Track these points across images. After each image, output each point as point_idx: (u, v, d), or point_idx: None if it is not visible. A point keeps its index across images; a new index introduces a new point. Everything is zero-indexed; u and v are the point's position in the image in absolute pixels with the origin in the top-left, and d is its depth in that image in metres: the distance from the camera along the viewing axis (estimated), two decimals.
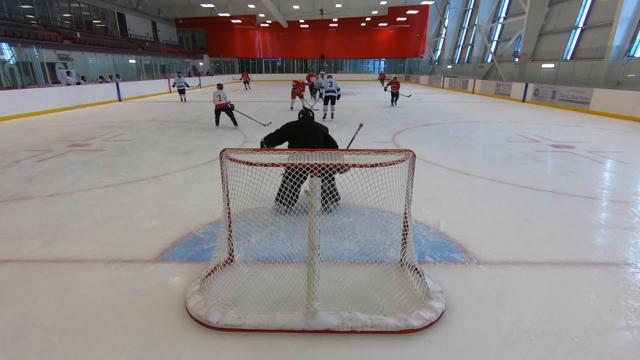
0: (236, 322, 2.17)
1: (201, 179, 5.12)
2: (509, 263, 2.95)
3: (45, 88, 13.83)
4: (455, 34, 29.85)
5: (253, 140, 7.97)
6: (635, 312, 2.36)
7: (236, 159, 2.33)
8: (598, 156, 6.45)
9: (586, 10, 16.13)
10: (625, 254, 3.14)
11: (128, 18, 27.84)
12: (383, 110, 13.36)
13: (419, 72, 37.41)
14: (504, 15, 23.07)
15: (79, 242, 3.28)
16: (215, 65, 39.12)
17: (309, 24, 38.77)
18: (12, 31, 15.91)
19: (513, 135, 8.57)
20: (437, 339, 2.12)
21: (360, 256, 2.89)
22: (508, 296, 2.52)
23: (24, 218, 3.81)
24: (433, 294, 2.44)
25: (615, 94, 11.93)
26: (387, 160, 2.42)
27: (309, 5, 33.34)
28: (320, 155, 2.41)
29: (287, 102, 13.87)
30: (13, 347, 2.05)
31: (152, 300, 2.47)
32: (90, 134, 8.56)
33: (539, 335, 2.15)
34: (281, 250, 3.08)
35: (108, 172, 5.47)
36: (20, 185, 4.84)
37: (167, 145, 7.29)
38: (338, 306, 2.34)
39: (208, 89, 26.06)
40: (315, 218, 2.16)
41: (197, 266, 2.87)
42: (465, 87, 22.83)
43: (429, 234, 3.46)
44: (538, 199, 4.49)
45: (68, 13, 21.88)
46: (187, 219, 3.76)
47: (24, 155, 6.61)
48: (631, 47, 13.46)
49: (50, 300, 2.46)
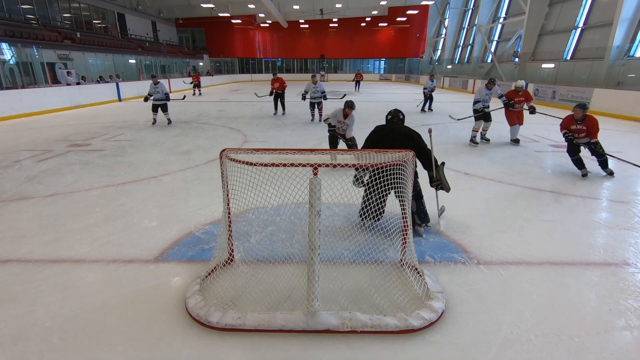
0: (236, 322, 2.17)
1: (201, 179, 5.12)
2: (509, 263, 2.95)
3: (45, 88, 13.82)
4: (455, 34, 29.84)
5: (253, 140, 7.97)
6: (635, 312, 2.36)
7: (236, 159, 2.33)
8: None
9: (586, 10, 16.12)
10: (625, 254, 3.14)
11: (128, 18, 27.83)
12: (382, 110, 13.33)
13: (419, 72, 37.40)
14: (504, 15, 23.06)
15: (79, 242, 3.28)
16: (216, 65, 39.12)
17: (309, 24, 38.77)
18: (12, 31, 15.90)
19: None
20: (437, 339, 2.12)
21: (360, 256, 2.89)
22: (508, 296, 2.52)
23: (24, 218, 3.81)
24: (433, 294, 2.44)
25: (615, 94, 11.92)
26: (387, 160, 2.43)
27: (309, 5, 33.33)
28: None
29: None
30: (13, 347, 2.05)
31: (152, 300, 2.47)
32: (90, 134, 8.56)
33: (539, 335, 2.15)
34: (281, 250, 3.08)
35: (108, 172, 5.47)
36: (20, 185, 4.84)
37: (167, 145, 7.29)
38: (338, 306, 2.34)
39: (208, 89, 26.06)
40: (315, 218, 2.16)
41: (197, 266, 2.87)
42: (465, 87, 22.82)
43: (429, 234, 3.46)
44: (538, 199, 4.49)
45: (68, 13, 21.88)
46: (187, 219, 3.76)
47: (24, 155, 6.61)
48: (631, 47, 13.45)
49: (50, 300, 2.46)
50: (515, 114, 7.35)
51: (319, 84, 10.19)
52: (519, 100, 7.29)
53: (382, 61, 42.74)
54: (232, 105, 12.58)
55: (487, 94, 7.40)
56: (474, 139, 7.43)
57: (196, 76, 21.49)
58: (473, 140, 7.42)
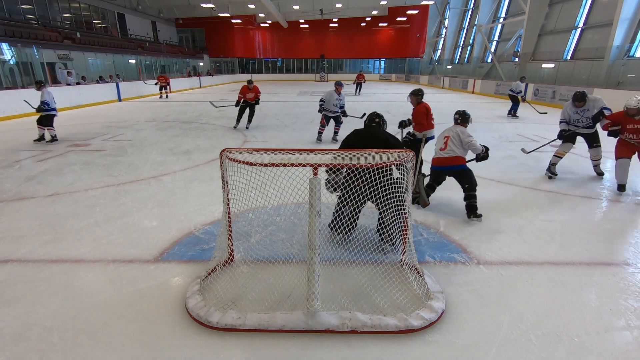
0: (236, 322, 2.17)
1: (201, 179, 5.12)
2: (509, 263, 2.95)
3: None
4: (455, 34, 29.85)
5: (253, 140, 7.97)
6: (635, 312, 2.36)
7: (236, 159, 2.33)
8: None
9: (586, 10, 16.12)
10: (625, 254, 3.14)
11: (128, 18, 27.82)
12: (383, 110, 13.35)
13: (419, 72, 37.41)
14: (504, 15, 23.07)
15: (79, 242, 3.28)
16: (215, 65, 39.13)
17: (309, 24, 38.77)
18: (12, 31, 15.90)
19: (513, 135, 8.57)
20: (437, 339, 2.12)
21: (360, 256, 2.89)
22: (508, 296, 2.52)
23: (24, 218, 3.81)
24: (433, 294, 2.44)
25: (615, 94, 11.91)
26: (387, 160, 2.43)
27: (309, 5, 33.32)
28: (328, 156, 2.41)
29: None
30: (13, 347, 2.05)
31: (152, 300, 2.47)
32: (90, 134, 8.56)
33: (539, 335, 2.15)
34: (281, 250, 3.08)
35: (108, 172, 5.47)
36: (20, 185, 4.84)
37: (167, 145, 7.29)
38: (338, 306, 2.34)
39: (208, 89, 26.04)
40: (315, 218, 2.16)
41: (197, 266, 2.87)
42: (465, 87, 22.82)
43: (429, 234, 3.46)
44: (538, 198, 4.49)
45: (68, 13, 21.87)
46: (187, 219, 3.76)
47: (24, 155, 6.61)
48: (631, 47, 13.45)
49: (50, 300, 2.46)
50: (629, 146, 4.59)
51: (343, 96, 7.66)
52: (634, 128, 4.48)
53: (382, 61, 42.74)
54: (232, 105, 12.52)
55: (576, 112, 5.17)
56: (552, 168, 5.30)
57: (164, 77, 18.79)
58: (551, 170, 5.29)
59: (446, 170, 3.92)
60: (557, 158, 5.28)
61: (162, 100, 17.29)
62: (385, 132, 3.33)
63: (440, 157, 3.92)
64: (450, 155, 3.82)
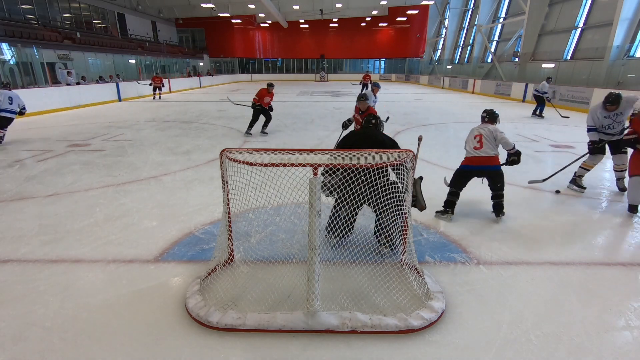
0: (236, 322, 2.17)
1: (201, 179, 5.12)
2: (509, 263, 2.95)
3: (45, 88, 13.82)
4: (455, 34, 29.86)
5: (252, 140, 7.97)
6: (635, 312, 2.36)
7: (236, 159, 2.33)
8: None
9: (586, 10, 16.13)
10: (625, 254, 3.14)
11: (128, 18, 27.83)
12: (383, 110, 13.35)
13: (419, 72, 37.42)
14: (504, 15, 23.07)
15: (79, 242, 3.28)
16: (215, 65, 39.14)
17: (309, 24, 38.78)
18: (12, 31, 15.91)
19: (513, 135, 8.56)
20: (437, 339, 2.12)
21: (360, 256, 2.89)
22: (508, 296, 2.52)
23: (24, 218, 3.81)
24: (433, 294, 2.44)
25: None
26: (387, 160, 2.43)
27: (309, 5, 33.33)
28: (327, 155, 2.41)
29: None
30: (13, 348, 2.05)
31: (152, 300, 2.47)
32: (90, 134, 8.56)
33: (539, 335, 2.15)
34: (281, 250, 3.08)
35: (108, 172, 5.47)
36: (20, 185, 4.84)
37: (167, 145, 7.29)
38: (338, 306, 2.34)
39: (208, 89, 26.07)
40: (315, 218, 2.16)
41: (197, 266, 2.87)
42: (465, 87, 22.82)
43: (429, 234, 3.46)
44: (538, 198, 4.49)
45: (68, 13, 21.88)
46: (187, 219, 3.76)
47: (24, 155, 6.61)
48: (631, 47, 13.46)
49: (50, 300, 2.46)
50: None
51: (377, 97, 7.18)
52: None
53: (382, 61, 42.75)
54: (232, 105, 12.53)
55: (607, 116, 4.35)
56: (578, 180, 4.72)
57: (159, 78, 18.12)
58: (577, 183, 4.71)
59: (481, 170, 3.79)
60: (584, 170, 4.68)
61: (157, 101, 17.08)
62: (382, 133, 3.32)
63: (475, 156, 3.75)
64: (487, 154, 3.70)
